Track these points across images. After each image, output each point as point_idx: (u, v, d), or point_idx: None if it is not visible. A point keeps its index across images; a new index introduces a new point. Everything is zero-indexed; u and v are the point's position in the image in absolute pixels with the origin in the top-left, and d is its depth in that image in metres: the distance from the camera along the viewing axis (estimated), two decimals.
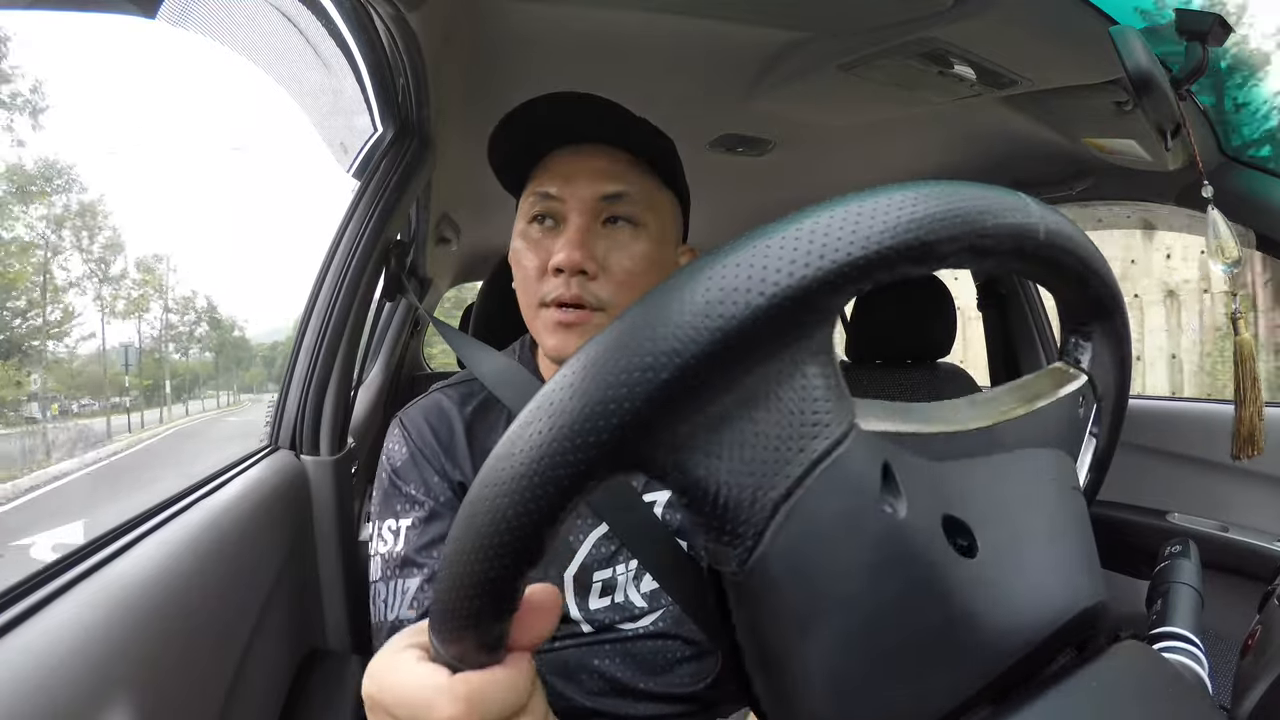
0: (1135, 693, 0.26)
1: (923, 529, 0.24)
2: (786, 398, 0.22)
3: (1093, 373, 0.32)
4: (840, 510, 0.22)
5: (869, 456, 0.23)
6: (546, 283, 0.59)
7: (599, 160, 0.60)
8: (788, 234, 0.21)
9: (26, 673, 0.33)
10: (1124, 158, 0.94)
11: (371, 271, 0.87)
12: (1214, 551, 0.88)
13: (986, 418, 0.27)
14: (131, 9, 0.57)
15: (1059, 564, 0.28)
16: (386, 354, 1.59)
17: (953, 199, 0.23)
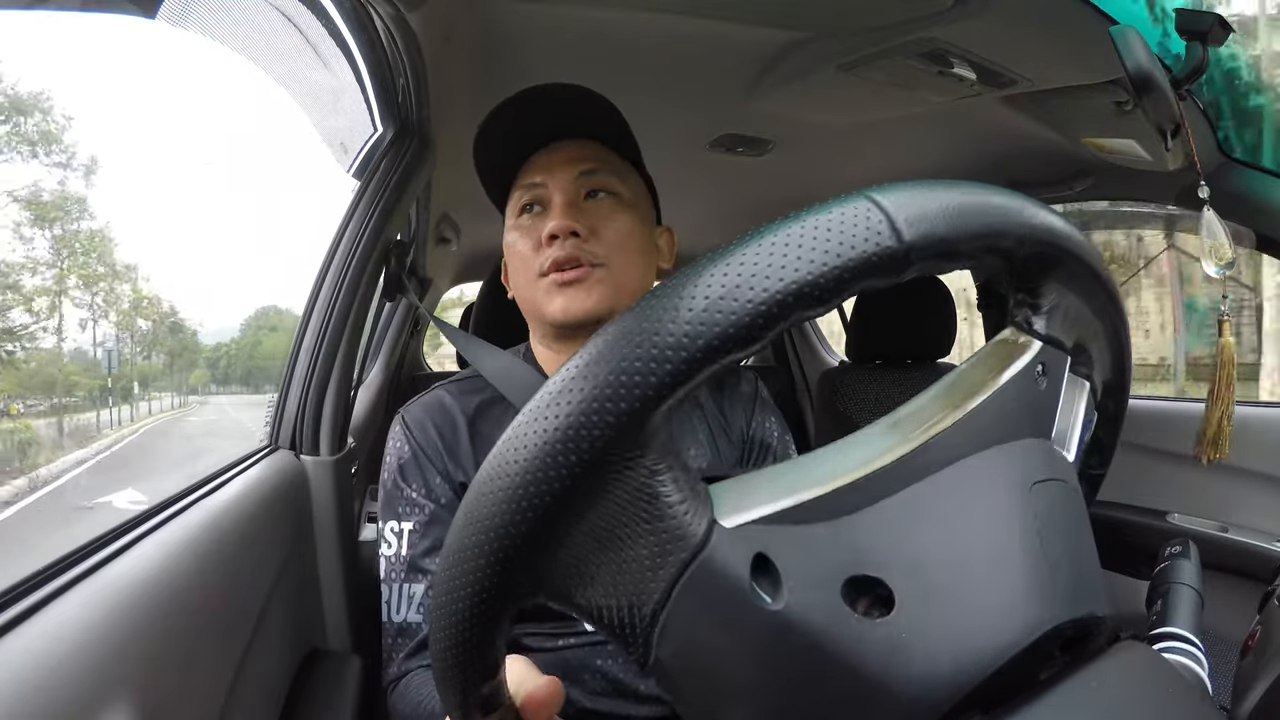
0: (1135, 693, 0.26)
1: (814, 605, 0.23)
2: (641, 518, 0.23)
3: (1053, 332, 0.29)
4: (713, 613, 0.23)
5: (736, 553, 0.23)
6: (541, 254, 0.62)
7: (570, 149, 0.66)
8: (571, 381, 0.22)
9: (26, 673, 0.33)
10: (1124, 158, 0.94)
11: (371, 271, 0.87)
12: (1214, 552, 0.88)
13: (905, 442, 0.25)
14: (131, 9, 0.57)
15: (1009, 584, 0.25)
16: (386, 354, 1.59)
17: (786, 246, 0.22)
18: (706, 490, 0.24)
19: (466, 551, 0.23)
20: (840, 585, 0.23)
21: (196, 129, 26.55)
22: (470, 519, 0.23)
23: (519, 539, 0.22)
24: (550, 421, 0.21)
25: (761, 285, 0.21)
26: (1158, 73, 0.60)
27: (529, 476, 0.22)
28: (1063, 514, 0.28)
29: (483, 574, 0.23)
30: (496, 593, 0.24)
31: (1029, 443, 0.28)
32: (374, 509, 1.07)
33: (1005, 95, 0.89)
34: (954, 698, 0.23)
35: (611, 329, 0.22)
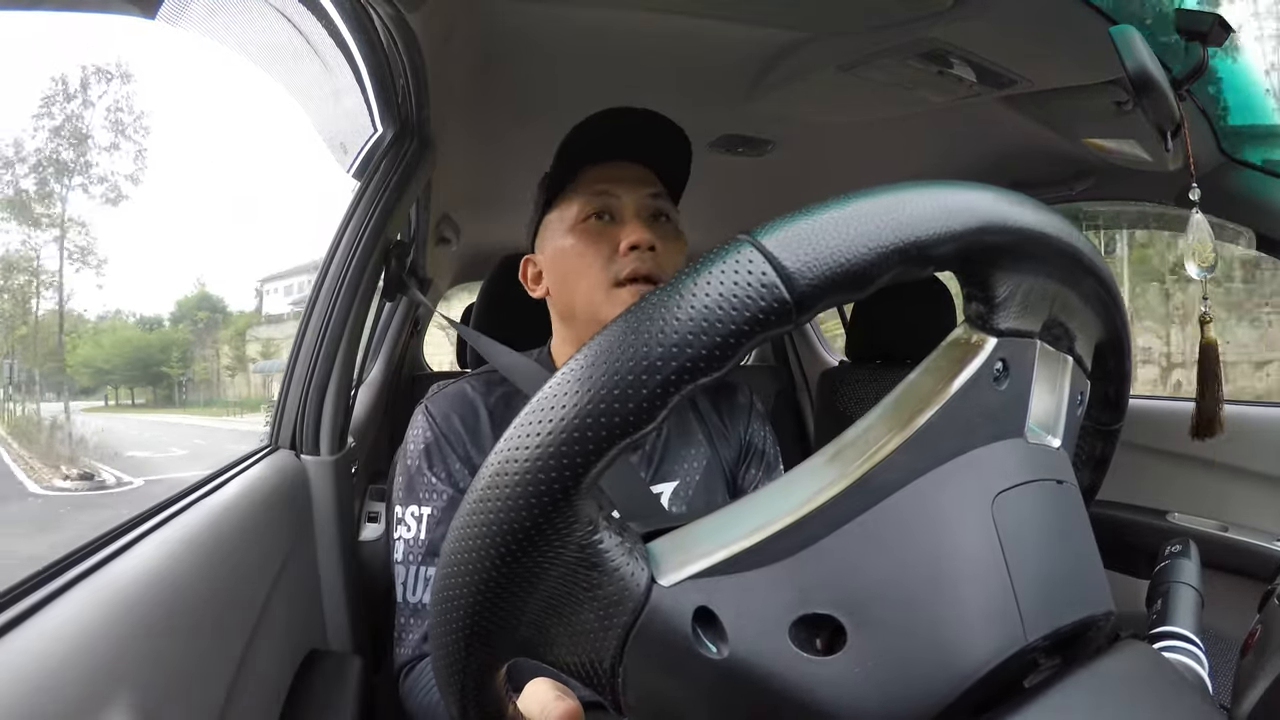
0: (1135, 692, 0.26)
1: (761, 650, 0.23)
2: (582, 585, 0.24)
3: (1011, 323, 0.27)
4: (662, 666, 0.24)
5: (677, 609, 0.23)
6: (617, 262, 0.65)
7: (640, 170, 0.70)
8: (495, 472, 0.23)
9: (26, 673, 0.33)
10: (1124, 158, 0.94)
11: (371, 271, 0.87)
12: (1214, 551, 0.88)
13: (847, 475, 0.24)
14: (131, 9, 0.57)
15: (968, 607, 0.24)
16: (386, 354, 1.59)
17: (667, 326, 0.21)
18: (645, 550, 0.24)
19: (442, 621, 0.25)
20: (788, 626, 0.23)
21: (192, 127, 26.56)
22: (440, 595, 0.25)
23: (480, 613, 0.24)
24: (484, 515, 0.23)
25: (647, 370, 0.21)
26: (1158, 73, 0.60)
27: (478, 560, 0.23)
28: (1036, 519, 0.26)
29: (458, 640, 0.25)
30: (476, 655, 0.26)
31: (993, 449, 0.26)
32: (374, 509, 1.08)
33: (1005, 95, 0.89)
34: (936, 709, 0.23)
35: (521, 420, 0.23)
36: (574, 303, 0.69)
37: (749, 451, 0.76)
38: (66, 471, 5.85)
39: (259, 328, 10.10)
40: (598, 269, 0.66)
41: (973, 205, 0.24)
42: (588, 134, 0.68)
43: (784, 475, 0.25)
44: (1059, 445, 0.29)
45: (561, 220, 0.69)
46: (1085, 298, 0.29)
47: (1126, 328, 0.32)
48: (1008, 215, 0.25)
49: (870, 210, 0.23)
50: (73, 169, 8.16)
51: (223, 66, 24.96)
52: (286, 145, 27.15)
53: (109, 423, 7.99)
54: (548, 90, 0.98)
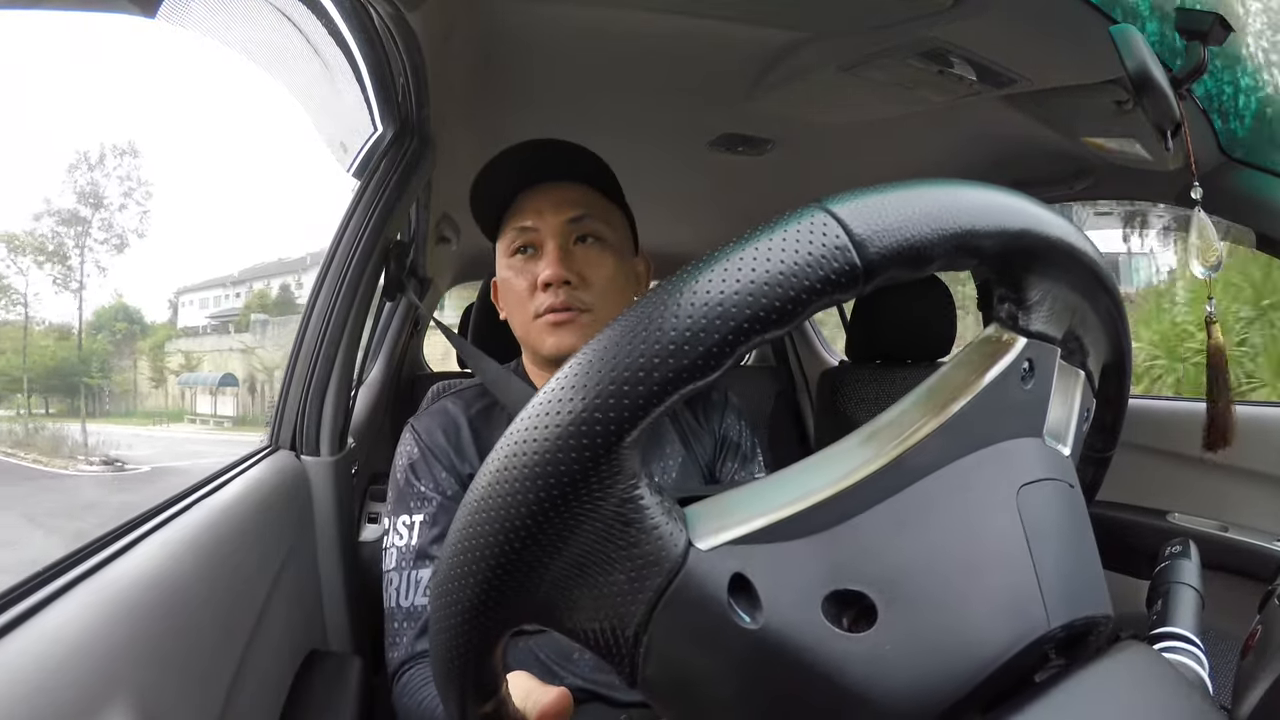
0: (1136, 693, 0.26)
1: (794, 622, 0.23)
2: (617, 544, 0.23)
3: (1039, 326, 0.28)
4: (693, 635, 0.23)
5: (713, 574, 0.23)
6: (536, 298, 0.69)
7: (560, 192, 0.71)
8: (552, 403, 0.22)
9: (26, 674, 0.33)
10: (1124, 157, 0.94)
11: (371, 271, 0.87)
12: (1214, 551, 0.88)
13: (883, 454, 0.25)
14: (131, 9, 0.57)
15: (995, 592, 0.25)
16: (387, 354, 1.59)
17: (740, 281, 0.21)
18: (681, 512, 0.24)
19: (455, 580, 0.24)
20: (820, 601, 0.23)
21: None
22: (457, 549, 0.24)
23: (502, 569, 0.23)
24: (523, 457, 0.22)
25: (720, 315, 0.21)
26: (1158, 72, 0.60)
27: (508, 510, 0.22)
28: (1055, 515, 0.27)
29: (472, 601, 0.24)
30: (487, 618, 0.24)
31: (1017, 443, 0.27)
32: (374, 509, 1.08)
33: (1005, 95, 0.89)
34: (938, 709, 0.23)
35: (575, 364, 0.22)
36: (515, 327, 0.74)
37: (724, 446, 0.79)
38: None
39: (177, 340, 10.11)
40: (524, 303, 0.70)
41: (1019, 208, 0.25)
42: (506, 164, 0.72)
43: (820, 452, 0.25)
44: (1068, 454, 0.30)
45: (500, 251, 0.74)
46: (1100, 315, 0.30)
47: (1131, 353, 0.32)
48: (1047, 223, 0.26)
49: (934, 195, 0.24)
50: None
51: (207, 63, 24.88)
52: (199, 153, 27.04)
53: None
54: (548, 89, 0.98)
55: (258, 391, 11.02)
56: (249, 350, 10.60)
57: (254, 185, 25.88)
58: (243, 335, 11.41)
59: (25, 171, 18.04)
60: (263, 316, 12.83)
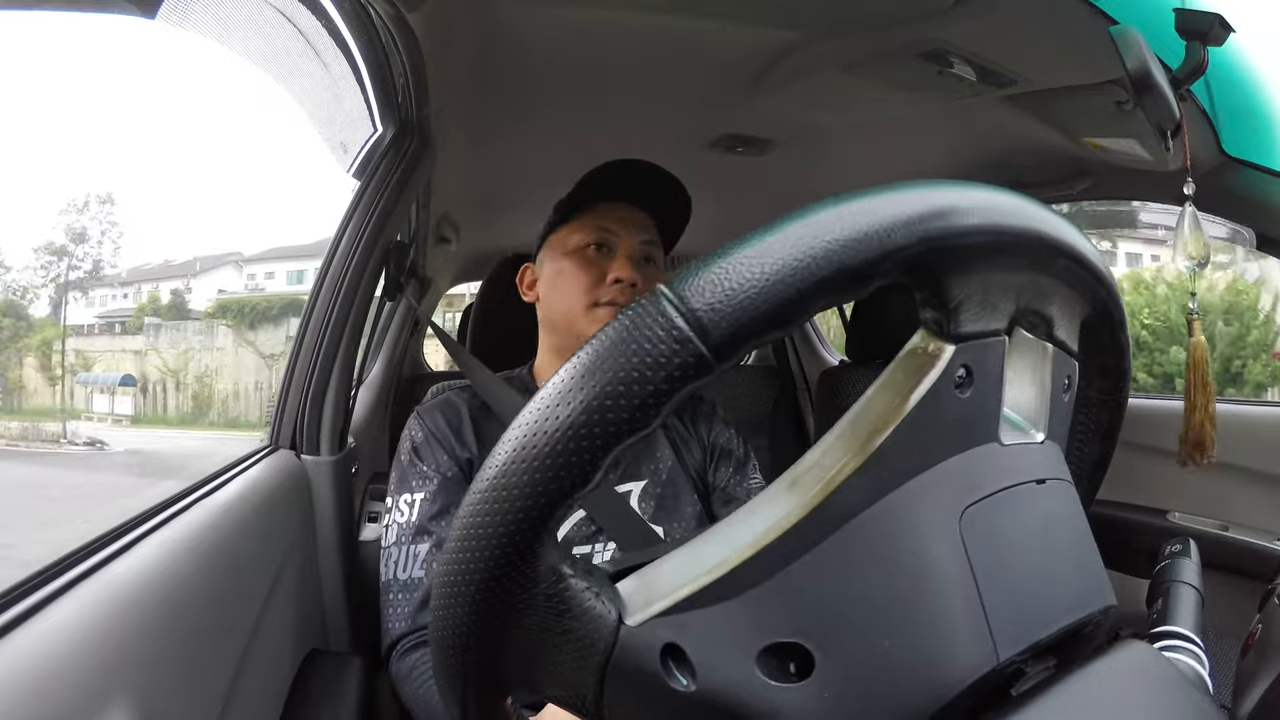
0: (1136, 692, 0.26)
1: (728, 681, 0.24)
2: (557, 629, 0.25)
3: (968, 325, 0.25)
4: (639, 702, 0.25)
5: (644, 647, 0.24)
6: (602, 289, 0.74)
7: (643, 215, 0.79)
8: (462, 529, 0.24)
9: (26, 675, 0.33)
10: (1124, 157, 0.94)
11: (371, 272, 0.87)
12: (1214, 551, 0.88)
13: (805, 503, 0.24)
14: (131, 9, 0.57)
15: (941, 626, 0.24)
16: (387, 354, 1.59)
17: (578, 402, 0.22)
18: (613, 590, 0.25)
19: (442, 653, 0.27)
20: (755, 656, 0.24)
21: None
22: (436, 626, 0.26)
23: (472, 650, 0.26)
24: (461, 565, 0.24)
25: (574, 438, 0.22)
26: (1158, 72, 0.60)
27: (463, 606, 0.24)
28: (1013, 528, 0.26)
29: (464, 674, 0.27)
30: (479, 684, 0.27)
31: (960, 460, 0.25)
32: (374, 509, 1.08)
33: (1005, 95, 0.89)
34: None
35: (472, 491, 0.24)
36: (557, 314, 0.78)
37: (715, 452, 0.83)
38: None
39: (67, 339, 10.22)
40: (583, 290, 0.75)
41: (895, 215, 0.22)
42: (608, 174, 0.78)
43: (747, 504, 0.25)
44: (1043, 439, 0.29)
45: (564, 243, 0.78)
46: (1060, 279, 0.27)
47: (1115, 296, 0.30)
48: (951, 217, 0.23)
49: (784, 244, 0.21)
50: None
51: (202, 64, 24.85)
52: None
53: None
54: (547, 90, 0.98)
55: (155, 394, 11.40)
56: (142, 353, 10.96)
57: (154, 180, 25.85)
58: (135, 338, 11.73)
59: None
60: (155, 320, 13.12)
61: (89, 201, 8.92)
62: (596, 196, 0.78)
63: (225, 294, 14.13)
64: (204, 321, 13.09)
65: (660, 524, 0.74)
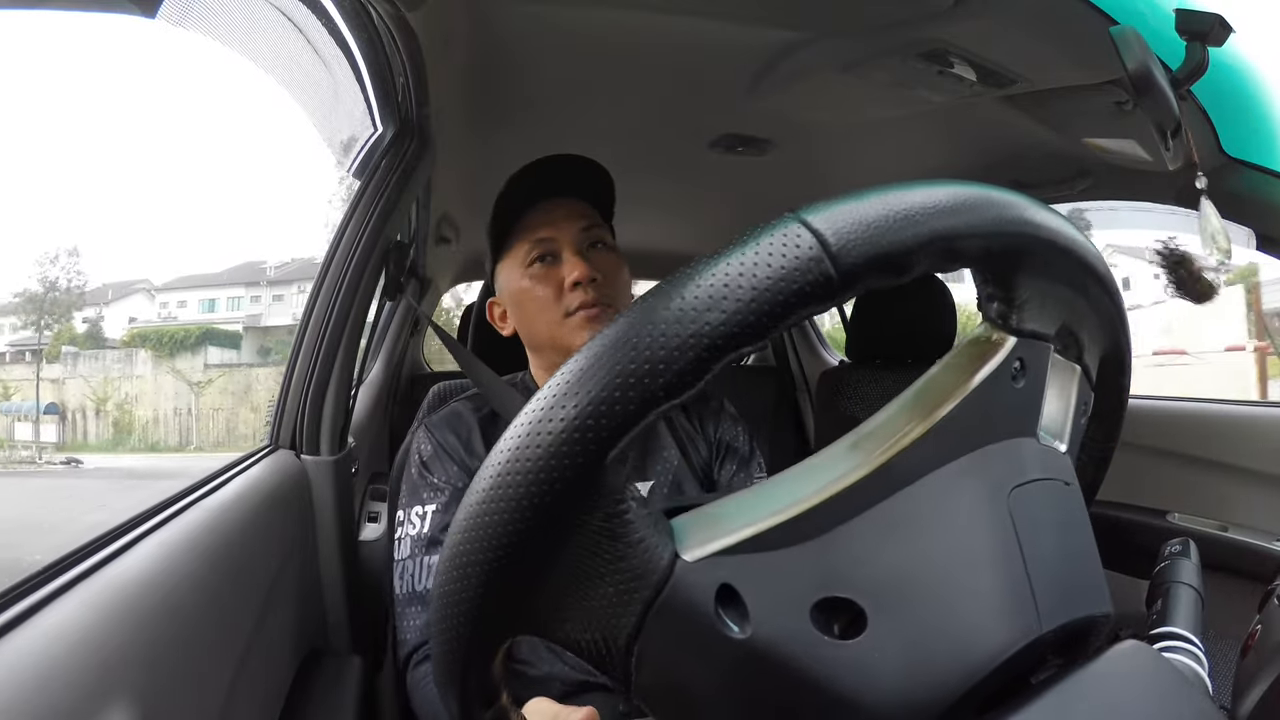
0: (1135, 693, 0.26)
1: (782, 631, 0.23)
2: (605, 557, 0.23)
3: (1029, 324, 0.28)
4: (682, 645, 0.23)
5: (700, 584, 0.23)
6: (565, 299, 0.73)
7: (568, 205, 0.76)
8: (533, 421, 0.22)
9: (25, 675, 0.33)
10: (1124, 157, 0.94)
11: (371, 272, 0.87)
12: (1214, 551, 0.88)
13: (869, 461, 0.25)
14: (131, 9, 0.57)
15: (987, 596, 0.24)
16: (387, 354, 1.59)
17: (709, 297, 0.21)
18: (668, 525, 0.24)
19: (450, 595, 0.24)
20: (809, 609, 0.23)
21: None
22: (451, 564, 0.24)
23: (494, 584, 0.23)
24: (510, 476, 0.22)
25: (694, 334, 0.21)
26: (1158, 73, 0.60)
27: (497, 528, 0.22)
28: (1049, 515, 0.27)
29: (467, 614, 0.24)
30: (484, 629, 0.25)
31: (1009, 444, 0.27)
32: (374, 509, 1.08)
33: (1005, 95, 0.89)
34: (929, 715, 0.23)
35: (556, 383, 0.22)
36: (537, 336, 0.77)
37: (721, 449, 0.81)
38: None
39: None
40: (551, 305, 0.73)
41: (1001, 206, 0.25)
42: (519, 185, 0.76)
43: (807, 460, 0.25)
44: (1064, 450, 0.30)
45: (512, 266, 0.77)
46: (1094, 308, 0.30)
47: (1130, 344, 0.32)
48: (1033, 220, 0.26)
49: (910, 198, 0.23)
50: None
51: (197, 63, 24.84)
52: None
53: None
54: (548, 90, 0.98)
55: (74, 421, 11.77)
56: (60, 381, 11.30)
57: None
58: (53, 366, 12.01)
59: None
60: (73, 349, 13.33)
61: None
62: (518, 210, 0.76)
63: (138, 324, 14.18)
64: (121, 350, 13.20)
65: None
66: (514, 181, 0.76)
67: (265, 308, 15.03)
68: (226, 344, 14.08)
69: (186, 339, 13.45)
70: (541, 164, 0.76)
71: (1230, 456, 0.97)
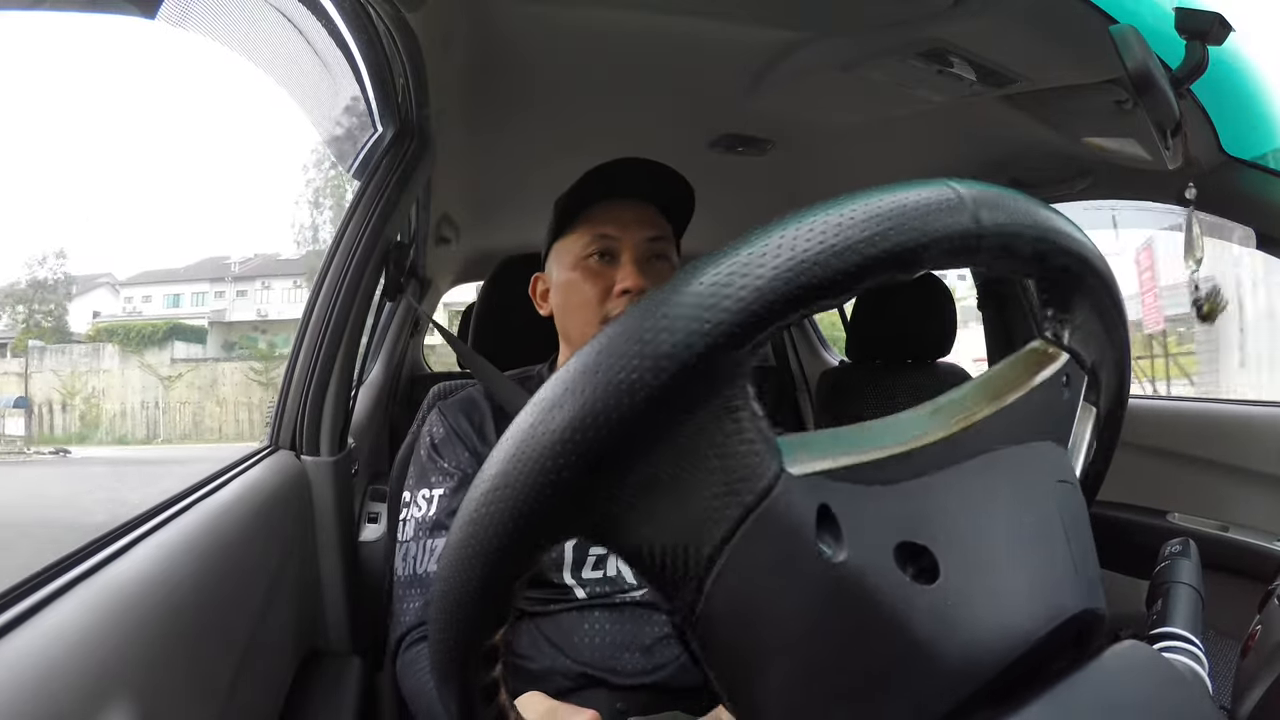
0: (1135, 693, 0.26)
1: (871, 564, 0.23)
2: (711, 455, 0.23)
3: (1077, 347, 0.30)
4: (774, 560, 0.23)
5: (802, 501, 0.23)
6: (611, 302, 0.71)
7: (643, 210, 0.74)
8: (689, 288, 0.22)
9: (25, 675, 0.33)
10: (1124, 157, 0.94)
11: (372, 272, 0.87)
12: (1214, 551, 0.88)
13: (946, 426, 0.26)
14: (131, 9, 0.57)
15: (1041, 569, 0.26)
16: (386, 354, 1.59)
17: (873, 214, 0.23)
18: (775, 438, 0.24)
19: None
20: (892, 548, 0.23)
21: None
22: (524, 441, 0.22)
23: (585, 458, 0.22)
24: (649, 333, 0.21)
25: (856, 248, 0.22)
26: (1157, 72, 0.60)
27: (614, 392, 0.21)
28: (1079, 513, 0.29)
29: (525, 504, 0.22)
30: (540, 526, 0.23)
31: (1051, 445, 0.29)
32: (374, 509, 1.08)
33: (1005, 95, 0.89)
34: (996, 669, 0.23)
35: (703, 262, 0.22)
36: (572, 329, 0.75)
37: None
38: None
39: None
40: (593, 305, 0.72)
41: (1085, 242, 0.28)
42: (601, 174, 0.74)
43: (891, 416, 0.26)
44: (1079, 472, 0.32)
45: (568, 252, 0.75)
46: (1114, 352, 0.32)
47: (1126, 405, 0.33)
48: (1102, 260, 0.29)
49: (1017, 202, 0.26)
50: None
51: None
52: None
53: None
54: (548, 90, 0.98)
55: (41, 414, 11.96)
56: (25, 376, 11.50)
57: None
58: (18, 360, 12.19)
59: None
60: (39, 343, 13.45)
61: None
62: (592, 198, 0.74)
63: (102, 318, 14.20)
64: (88, 344, 13.25)
65: None
66: (599, 170, 0.74)
67: (229, 303, 15.20)
68: (192, 339, 14.25)
69: (154, 334, 13.54)
70: (629, 162, 0.75)
71: (1230, 456, 0.97)
